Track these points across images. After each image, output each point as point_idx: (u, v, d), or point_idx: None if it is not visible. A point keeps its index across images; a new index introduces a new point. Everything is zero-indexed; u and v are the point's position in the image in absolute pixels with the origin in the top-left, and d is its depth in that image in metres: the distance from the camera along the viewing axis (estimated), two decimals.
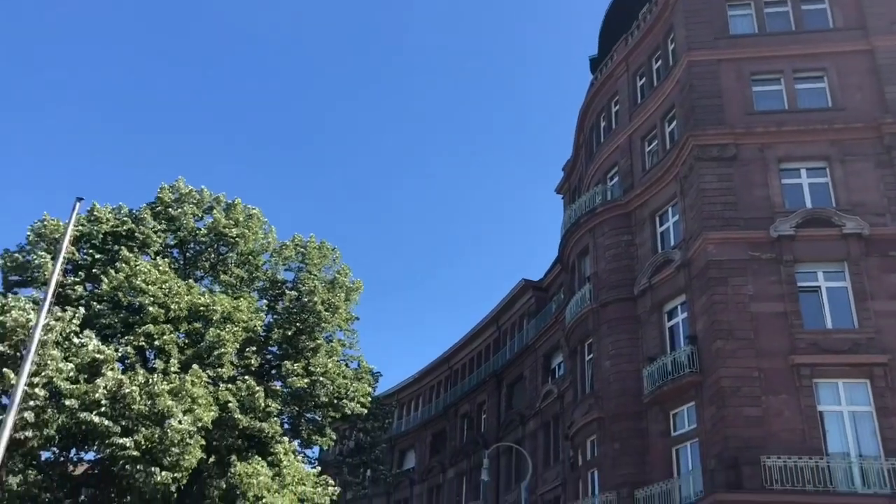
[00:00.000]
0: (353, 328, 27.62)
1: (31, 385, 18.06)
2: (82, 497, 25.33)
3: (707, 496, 19.92)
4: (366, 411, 26.21)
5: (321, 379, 24.02)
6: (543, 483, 36.56)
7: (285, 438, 23.02)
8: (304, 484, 22.34)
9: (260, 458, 21.53)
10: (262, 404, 22.01)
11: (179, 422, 19.22)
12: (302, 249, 27.58)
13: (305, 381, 23.70)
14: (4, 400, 19.57)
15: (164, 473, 18.93)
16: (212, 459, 22.67)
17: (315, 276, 26.64)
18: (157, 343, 21.58)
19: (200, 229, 26.40)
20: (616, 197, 28.63)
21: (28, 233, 23.77)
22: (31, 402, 18.49)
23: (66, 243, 18.21)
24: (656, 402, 23.47)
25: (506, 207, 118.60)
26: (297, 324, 25.10)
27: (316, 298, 24.66)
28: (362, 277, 28.47)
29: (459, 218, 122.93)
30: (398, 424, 57.01)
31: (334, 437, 25.91)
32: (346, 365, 26.62)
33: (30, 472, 20.34)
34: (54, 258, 18.87)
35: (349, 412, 25.06)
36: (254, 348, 23.87)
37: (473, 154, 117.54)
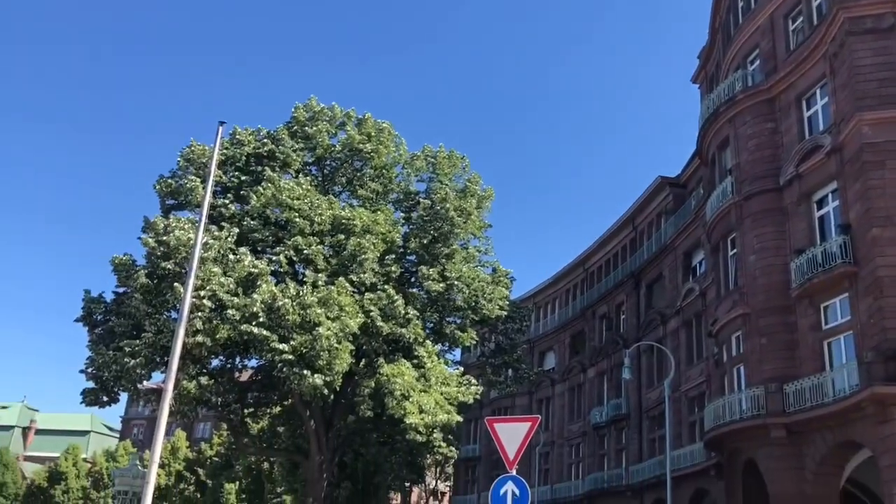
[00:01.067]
0: (486, 235, 27.95)
1: (198, 297, 19.63)
2: (248, 400, 27.65)
3: (863, 389, 19.17)
4: (504, 314, 26.73)
5: (457, 283, 24.61)
6: (686, 381, 36.27)
7: (428, 342, 23.92)
8: (447, 384, 23.28)
9: (405, 361, 22.55)
10: (402, 311, 22.86)
11: (328, 329, 20.34)
12: (432, 160, 27.87)
13: (441, 285, 24.34)
14: (175, 315, 21.43)
15: (317, 376, 20.24)
16: (361, 363, 23.97)
17: (446, 185, 26.94)
18: (304, 254, 22.72)
19: (335, 146, 27.12)
20: (757, 82, 26.88)
21: (178, 159, 25.28)
22: (199, 313, 20.17)
23: (213, 166, 19.28)
24: (806, 296, 22.53)
25: (640, 102, 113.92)
26: (432, 232, 25.62)
27: (448, 205, 25.01)
28: (494, 186, 28.51)
29: (592, 118, 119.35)
30: (536, 327, 57.81)
31: (475, 335, 26.64)
32: (482, 270, 27.10)
33: (202, 378, 22.32)
34: (204, 181, 20.08)
35: (487, 315, 25.65)
36: (393, 257, 24.67)
37: (604, 49, 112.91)
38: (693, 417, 35.43)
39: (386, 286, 23.26)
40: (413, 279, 26.20)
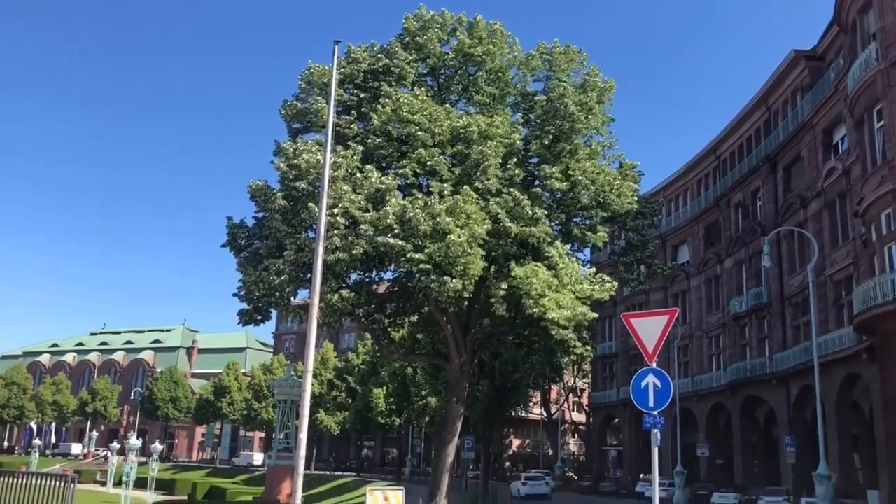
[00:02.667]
0: (609, 129, 27.23)
1: (331, 215, 20.47)
2: (388, 310, 28.85)
3: None
4: (633, 209, 26.26)
5: (582, 180, 24.29)
6: (831, 264, 34.76)
7: (557, 242, 23.94)
8: (581, 283, 23.34)
9: (536, 263, 22.73)
10: (530, 212, 22.89)
11: (459, 236, 20.73)
12: (548, 57, 27.14)
13: (565, 184, 24.11)
14: (312, 234, 22.46)
15: (454, 281, 20.78)
16: (492, 268, 24.37)
17: (564, 81, 26.26)
18: (428, 166, 23.04)
19: (448, 53, 26.89)
20: None
21: (300, 82, 25.88)
22: (335, 231, 21.06)
23: (333, 86, 19.74)
24: None
25: None
26: (552, 131, 25.22)
27: (568, 102, 24.46)
28: (615, 79, 27.47)
29: None
30: (667, 221, 56.55)
31: (606, 233, 26.38)
32: (607, 165, 26.58)
33: (343, 291, 23.43)
34: (327, 102, 20.55)
35: (616, 211, 25.28)
36: (514, 161, 24.57)
37: None
38: (840, 301, 34.12)
39: (511, 189, 23.30)
40: (536, 181, 26.06)
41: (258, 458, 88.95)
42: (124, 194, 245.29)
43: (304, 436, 16.99)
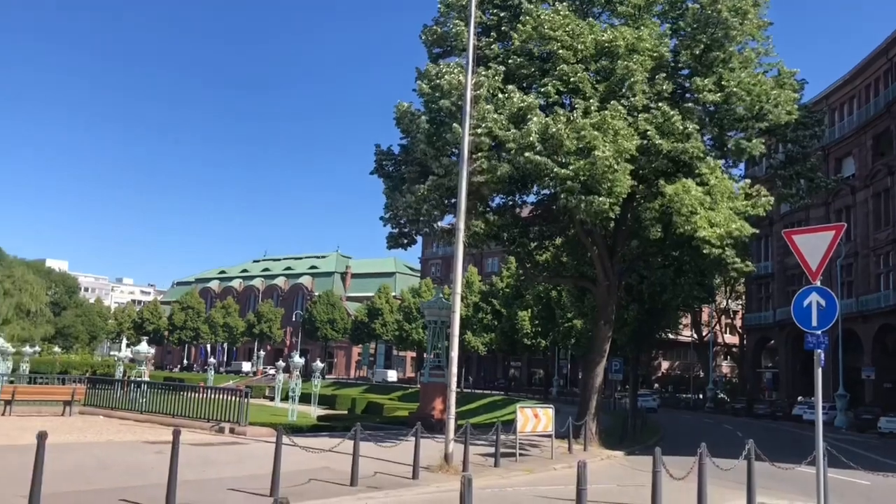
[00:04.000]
0: (766, 34, 25.33)
1: (475, 135, 20.47)
2: (531, 234, 28.86)
3: None
4: (793, 119, 24.54)
5: (736, 91, 22.86)
6: None
7: (709, 158, 22.87)
8: (735, 199, 22.30)
9: (687, 179, 21.87)
10: (680, 127, 21.94)
11: (605, 151, 20.18)
12: None
13: (718, 96, 22.80)
14: (455, 157, 22.62)
15: (601, 199, 20.37)
16: (640, 187, 23.69)
17: None
18: (571, 83, 22.44)
19: None
20: None
21: (439, 5, 25.68)
22: (480, 153, 21.09)
23: (472, 7, 19.47)
24: None
25: None
26: (704, 40, 23.78)
27: (720, 6, 22.89)
28: None
29: None
30: (830, 132, 52.62)
31: (763, 143, 24.87)
32: (763, 74, 24.84)
33: (487, 215, 23.63)
34: (466, 24, 20.33)
35: (774, 122, 23.72)
36: (663, 74, 23.47)
37: None
38: None
39: (659, 104, 22.34)
40: (687, 94, 24.82)
41: (391, 375, 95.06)
42: (284, 131, 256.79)
43: (454, 354, 17.55)
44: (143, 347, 36.10)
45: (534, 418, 20.58)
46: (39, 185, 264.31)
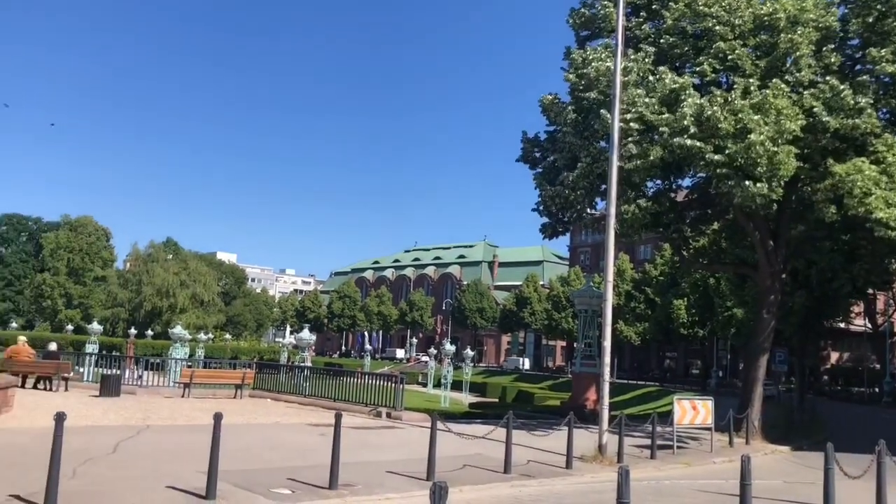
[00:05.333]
0: None
1: (624, 122, 19.95)
2: (687, 219, 27.80)
3: None
4: None
5: None
6: None
7: (886, 134, 21.10)
8: None
9: (860, 158, 20.29)
10: (851, 102, 20.38)
11: (761, 134, 19.12)
12: None
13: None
14: (604, 144, 22.17)
15: (758, 185, 19.32)
16: (806, 166, 22.25)
17: None
18: (729, 60, 21.38)
19: None
20: None
21: None
22: (629, 138, 20.54)
23: None
24: None
25: None
26: (878, 6, 21.92)
27: None
28: None
29: None
30: None
31: None
32: None
33: (640, 200, 22.94)
34: (615, 5, 19.82)
35: None
36: (831, 46, 21.89)
37: None
38: None
39: (827, 78, 20.85)
40: (858, 66, 23.00)
41: (524, 363, 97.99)
42: (432, 122, 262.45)
43: (607, 344, 17.25)
44: (306, 334, 37.90)
45: (692, 410, 19.89)
46: (209, 184, 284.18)
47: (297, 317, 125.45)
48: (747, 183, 19.50)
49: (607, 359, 17.21)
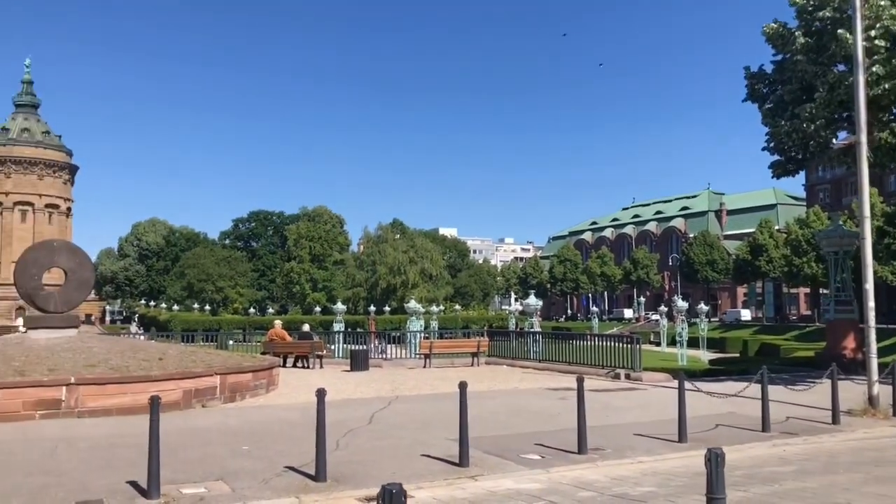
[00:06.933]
0: None
1: (868, 39, 17.72)
2: None
3: None
4: None
5: None
6: None
7: None
8: None
9: None
10: None
11: None
12: None
13: None
14: (843, 67, 19.87)
15: None
16: None
17: None
18: None
19: None
20: None
21: None
22: (875, 57, 18.22)
23: None
24: None
25: None
26: None
27: None
28: None
29: None
30: None
31: None
32: None
33: (894, 125, 20.42)
34: None
35: None
36: None
37: None
38: None
39: None
40: None
41: (745, 314, 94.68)
42: (649, 65, 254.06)
43: (869, 286, 15.64)
44: (532, 300, 38.12)
45: None
46: (428, 164, 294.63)
47: (520, 284, 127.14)
48: None
49: (871, 303, 15.59)
